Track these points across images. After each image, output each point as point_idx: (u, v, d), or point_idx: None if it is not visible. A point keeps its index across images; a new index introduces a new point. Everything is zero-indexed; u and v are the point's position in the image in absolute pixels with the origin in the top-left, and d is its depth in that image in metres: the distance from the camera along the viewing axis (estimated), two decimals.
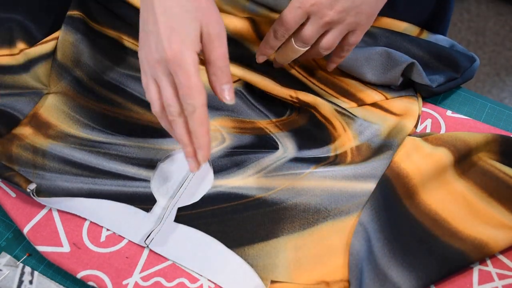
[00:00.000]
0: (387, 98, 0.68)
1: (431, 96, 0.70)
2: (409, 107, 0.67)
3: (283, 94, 0.68)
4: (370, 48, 0.68)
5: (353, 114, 0.67)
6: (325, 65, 0.70)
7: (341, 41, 0.63)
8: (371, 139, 0.65)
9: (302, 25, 0.60)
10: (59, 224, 0.59)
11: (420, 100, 0.69)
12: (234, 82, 0.71)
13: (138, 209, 0.60)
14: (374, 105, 0.68)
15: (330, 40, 0.61)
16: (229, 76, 0.54)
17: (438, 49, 0.70)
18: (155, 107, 0.55)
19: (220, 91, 0.54)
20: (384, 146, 0.64)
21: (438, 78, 0.68)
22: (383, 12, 0.73)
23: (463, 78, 0.70)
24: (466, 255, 0.56)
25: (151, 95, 0.55)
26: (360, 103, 0.69)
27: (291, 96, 0.68)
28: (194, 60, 0.51)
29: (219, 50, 0.53)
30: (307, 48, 0.62)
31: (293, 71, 0.71)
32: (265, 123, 0.68)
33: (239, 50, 0.71)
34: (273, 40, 0.63)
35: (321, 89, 0.70)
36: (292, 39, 0.62)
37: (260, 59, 0.66)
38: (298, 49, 0.62)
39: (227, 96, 0.54)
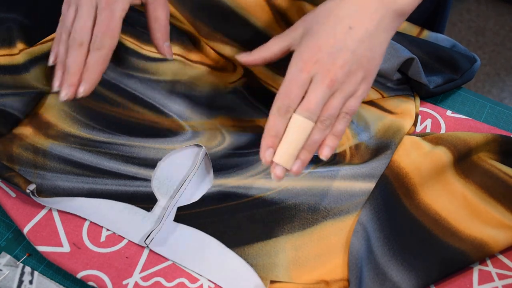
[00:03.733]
0: (383, 97, 0.68)
1: (429, 96, 0.70)
2: (406, 106, 0.67)
3: None
4: None
5: None
6: None
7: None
8: (368, 140, 0.65)
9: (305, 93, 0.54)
10: (59, 224, 0.59)
11: (418, 99, 0.69)
12: (235, 81, 0.71)
13: (138, 208, 0.60)
14: (370, 103, 0.68)
15: (334, 105, 0.53)
16: (169, 34, 0.61)
17: (438, 50, 0.70)
18: (61, 31, 0.59)
19: (163, 47, 0.61)
20: (382, 146, 0.64)
21: (436, 79, 0.68)
22: None
23: (462, 79, 0.70)
24: (466, 255, 0.56)
25: (67, 20, 0.58)
26: None
27: None
28: (124, 9, 0.58)
29: (166, 9, 0.61)
30: (312, 124, 0.53)
31: None
32: (264, 121, 0.68)
33: (246, 32, 0.71)
34: (278, 120, 0.53)
35: None
36: (296, 113, 0.53)
37: (268, 155, 0.53)
38: (304, 121, 0.52)
39: (168, 51, 0.61)
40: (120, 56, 0.72)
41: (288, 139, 0.53)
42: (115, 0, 0.57)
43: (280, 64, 0.71)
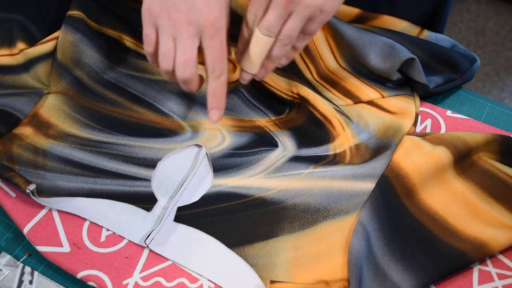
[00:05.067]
0: (383, 97, 0.69)
1: (429, 96, 0.70)
2: (406, 106, 0.67)
3: (285, 89, 0.68)
4: (376, 35, 0.68)
5: (348, 117, 0.67)
6: (324, 58, 0.70)
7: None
8: (368, 140, 0.65)
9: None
10: (59, 224, 0.59)
11: (418, 99, 0.69)
12: (235, 81, 0.71)
13: (138, 208, 0.60)
14: (370, 103, 0.68)
15: (291, 26, 0.57)
16: (223, 100, 0.59)
17: (438, 50, 0.70)
18: (168, 64, 0.58)
19: (210, 114, 0.59)
20: (382, 146, 0.64)
21: (436, 79, 0.68)
22: (382, 9, 0.73)
23: (462, 79, 0.70)
24: (466, 255, 0.56)
25: (166, 49, 0.57)
26: (356, 100, 0.69)
27: (292, 92, 0.68)
28: (227, 28, 0.57)
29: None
30: (272, 39, 0.58)
31: (299, 61, 0.71)
32: (264, 121, 0.68)
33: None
34: (245, 31, 0.60)
35: (320, 83, 0.70)
36: (256, 28, 0.58)
37: (243, 78, 0.62)
38: (263, 38, 0.58)
39: (213, 119, 0.60)
40: (120, 56, 0.72)
41: (251, 51, 0.59)
42: (221, 26, 0.56)
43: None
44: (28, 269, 0.57)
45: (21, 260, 0.57)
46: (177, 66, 0.57)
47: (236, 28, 0.71)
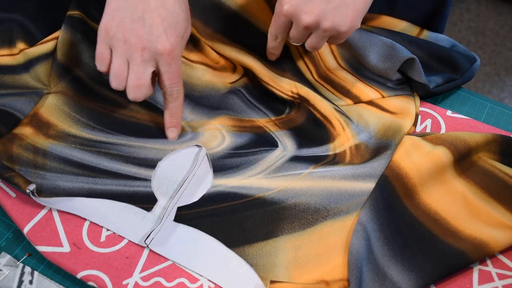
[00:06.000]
0: (383, 97, 0.69)
1: (429, 96, 0.70)
2: (406, 106, 0.67)
3: (285, 89, 0.68)
4: (376, 35, 0.68)
5: (348, 117, 0.67)
6: (324, 58, 0.70)
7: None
8: (368, 140, 0.65)
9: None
10: (59, 224, 0.59)
11: (418, 99, 0.69)
12: (235, 81, 0.71)
13: (138, 208, 0.60)
14: (370, 103, 0.68)
15: (312, 43, 0.63)
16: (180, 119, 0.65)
17: (438, 50, 0.70)
18: (120, 84, 0.61)
19: (167, 131, 0.65)
20: (382, 146, 0.64)
21: (436, 79, 0.68)
22: (382, 9, 0.74)
23: (462, 79, 0.70)
24: (466, 255, 0.56)
25: (119, 71, 0.60)
26: (356, 100, 0.69)
27: (292, 92, 0.68)
28: (181, 62, 0.62)
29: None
30: (299, 44, 0.65)
31: (299, 61, 0.71)
32: (264, 121, 0.68)
33: (247, 33, 0.71)
34: (273, 42, 0.67)
35: (320, 83, 0.70)
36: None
37: (270, 57, 0.70)
38: (293, 44, 0.66)
39: (170, 136, 0.65)
40: None
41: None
42: (177, 54, 0.60)
43: (281, 64, 0.71)
44: (28, 269, 0.57)
45: (21, 260, 0.57)
46: (128, 88, 0.61)
47: (239, 32, 0.71)
